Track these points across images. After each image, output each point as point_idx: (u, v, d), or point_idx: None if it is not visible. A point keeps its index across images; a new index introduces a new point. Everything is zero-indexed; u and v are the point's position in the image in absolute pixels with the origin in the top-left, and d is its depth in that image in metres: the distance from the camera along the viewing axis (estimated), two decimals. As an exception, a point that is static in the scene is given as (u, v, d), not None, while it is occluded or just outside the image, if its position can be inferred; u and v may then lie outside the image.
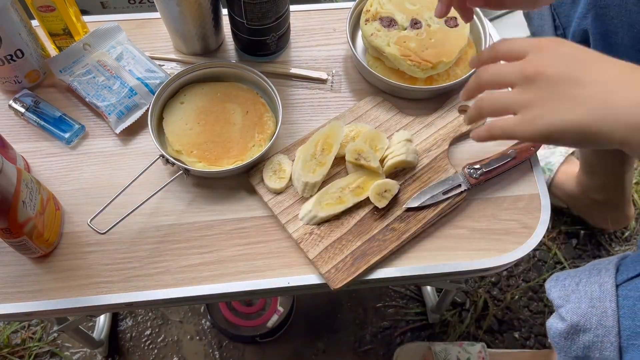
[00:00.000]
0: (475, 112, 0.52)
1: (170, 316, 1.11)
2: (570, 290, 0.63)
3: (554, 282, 0.66)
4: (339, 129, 0.72)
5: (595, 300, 0.59)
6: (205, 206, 0.70)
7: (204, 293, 0.65)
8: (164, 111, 0.74)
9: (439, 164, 0.72)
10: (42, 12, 0.74)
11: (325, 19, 0.87)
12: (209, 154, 0.70)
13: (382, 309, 1.14)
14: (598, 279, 0.61)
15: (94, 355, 1.08)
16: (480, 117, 0.52)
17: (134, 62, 0.78)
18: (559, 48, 0.47)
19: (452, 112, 0.77)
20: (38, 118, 0.75)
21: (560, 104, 0.44)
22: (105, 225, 0.64)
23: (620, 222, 1.18)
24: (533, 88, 0.46)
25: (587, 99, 0.44)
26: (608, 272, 0.61)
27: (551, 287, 0.66)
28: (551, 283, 0.67)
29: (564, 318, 0.62)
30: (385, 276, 0.66)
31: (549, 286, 0.67)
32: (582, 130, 0.44)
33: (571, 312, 0.61)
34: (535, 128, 0.45)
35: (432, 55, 0.75)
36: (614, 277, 0.60)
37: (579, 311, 0.60)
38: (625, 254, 0.64)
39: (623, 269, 0.61)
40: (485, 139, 0.50)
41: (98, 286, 0.65)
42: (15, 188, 0.57)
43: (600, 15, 0.70)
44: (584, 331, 0.60)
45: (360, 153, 0.69)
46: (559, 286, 0.65)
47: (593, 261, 0.66)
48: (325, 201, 0.68)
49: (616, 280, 0.60)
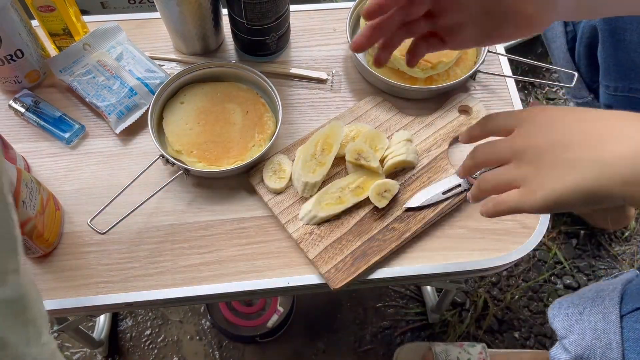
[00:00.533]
0: (477, 191, 0.52)
1: (170, 316, 1.11)
2: (573, 320, 0.62)
3: (556, 310, 0.65)
4: (339, 129, 0.72)
5: (600, 332, 0.58)
6: (205, 206, 0.70)
7: (204, 293, 0.65)
8: (164, 111, 0.74)
9: (439, 164, 0.72)
10: (42, 12, 0.74)
11: (325, 19, 0.87)
12: (209, 154, 0.70)
13: (382, 309, 1.14)
14: (602, 309, 0.60)
15: (94, 355, 1.08)
16: (482, 195, 0.52)
17: (134, 62, 0.78)
18: (542, 116, 0.47)
19: (452, 112, 0.77)
20: (38, 118, 0.75)
21: (555, 170, 0.44)
22: (105, 225, 0.64)
23: (620, 222, 1.18)
24: (526, 160, 0.46)
25: (578, 161, 0.43)
26: (612, 301, 0.60)
27: (554, 315, 0.65)
28: (554, 311, 0.66)
29: (568, 350, 0.61)
30: (385, 276, 0.66)
31: (551, 314, 0.66)
32: (583, 192, 0.43)
33: (575, 343, 0.60)
34: (539, 199, 0.45)
35: (432, 55, 0.74)
36: (619, 307, 0.59)
37: (583, 343, 0.59)
38: (630, 277, 0.63)
39: (628, 299, 0.60)
40: (494, 216, 0.50)
41: (98, 286, 0.65)
42: (15, 188, 0.57)
43: None
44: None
45: (360, 153, 0.69)
46: (562, 315, 0.64)
47: (596, 284, 0.65)
48: (325, 201, 0.68)
49: (621, 310, 0.59)
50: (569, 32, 0.80)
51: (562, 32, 0.80)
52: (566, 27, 0.80)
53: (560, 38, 0.81)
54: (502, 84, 0.81)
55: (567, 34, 0.80)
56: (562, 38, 0.81)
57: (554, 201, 0.44)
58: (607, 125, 0.45)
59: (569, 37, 0.80)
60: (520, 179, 0.46)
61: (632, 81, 0.73)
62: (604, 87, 0.77)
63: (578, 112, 0.47)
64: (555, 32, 0.82)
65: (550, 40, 0.85)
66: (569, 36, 0.80)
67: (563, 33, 0.80)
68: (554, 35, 0.83)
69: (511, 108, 0.79)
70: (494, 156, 0.50)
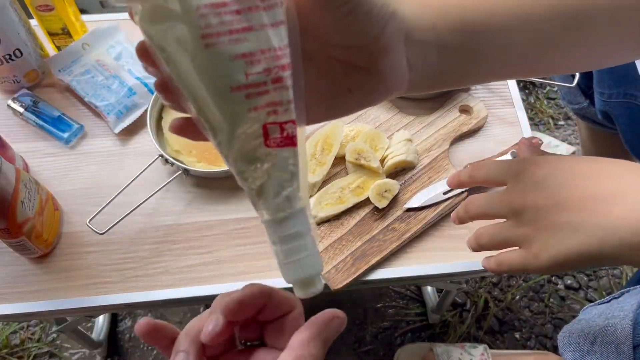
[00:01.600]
0: (475, 244, 0.50)
1: (170, 316, 1.11)
2: (585, 351, 0.60)
3: (567, 339, 0.64)
4: (339, 129, 0.71)
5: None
6: (205, 206, 0.70)
7: (203, 293, 0.64)
8: (163, 111, 0.74)
9: (439, 164, 0.72)
10: (41, 11, 0.74)
11: (325, 19, 0.87)
12: (209, 154, 0.70)
13: (382, 309, 1.14)
14: (614, 339, 0.58)
15: (93, 355, 1.07)
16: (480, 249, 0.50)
17: (133, 61, 0.77)
18: (536, 171, 0.44)
19: (453, 112, 0.76)
20: (37, 118, 0.74)
21: (557, 234, 0.42)
22: (104, 225, 0.64)
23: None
24: (524, 220, 0.44)
25: (580, 225, 0.41)
26: (624, 332, 0.58)
27: (564, 346, 0.64)
28: (564, 341, 0.64)
29: None
30: (385, 276, 0.66)
31: (562, 344, 0.64)
32: (589, 256, 0.41)
33: None
34: (543, 262, 0.43)
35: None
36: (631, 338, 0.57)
37: None
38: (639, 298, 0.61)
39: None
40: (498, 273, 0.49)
41: (97, 286, 0.65)
42: (14, 188, 0.57)
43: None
44: None
45: (360, 153, 0.69)
46: (572, 346, 0.62)
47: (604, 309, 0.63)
48: (325, 201, 0.68)
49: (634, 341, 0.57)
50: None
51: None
52: None
53: None
54: (502, 84, 0.81)
55: None
56: None
57: (560, 265, 0.42)
58: (606, 183, 0.42)
59: None
60: (520, 240, 0.45)
61: (627, 87, 0.73)
62: (598, 94, 0.77)
63: (573, 165, 0.44)
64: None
65: None
66: None
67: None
68: None
69: (511, 108, 0.79)
70: (490, 212, 0.47)
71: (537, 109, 1.40)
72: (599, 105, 0.78)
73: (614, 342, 0.58)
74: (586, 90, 0.81)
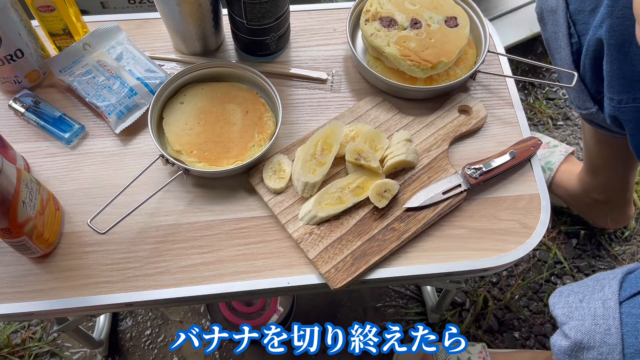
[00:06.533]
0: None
1: (170, 316, 1.11)
2: (573, 307, 0.63)
3: (557, 298, 0.66)
4: (339, 129, 0.72)
5: (599, 318, 0.59)
6: (205, 206, 0.70)
7: (204, 293, 0.65)
8: (164, 111, 0.74)
9: (439, 164, 0.72)
10: (42, 12, 0.74)
11: (325, 19, 0.87)
12: (209, 154, 0.70)
13: (382, 308, 1.14)
14: (601, 296, 0.61)
15: (93, 355, 1.08)
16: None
17: (133, 62, 0.78)
18: None
19: (452, 112, 0.77)
20: (38, 118, 0.75)
21: None
22: (105, 225, 0.64)
23: (621, 222, 1.18)
24: None
25: None
26: (611, 289, 0.61)
27: (555, 303, 0.66)
28: (554, 299, 0.66)
29: (568, 335, 0.61)
30: (385, 276, 0.66)
31: (552, 302, 0.67)
32: None
33: (575, 329, 0.61)
34: None
35: (432, 55, 0.75)
36: (618, 294, 0.60)
37: (582, 329, 0.60)
38: (630, 268, 0.63)
39: (626, 285, 0.61)
40: None
41: (98, 286, 0.65)
42: (15, 188, 0.57)
43: (617, 25, 0.70)
44: (587, 349, 0.60)
45: (360, 153, 0.69)
46: (562, 302, 0.65)
47: (597, 274, 0.66)
48: (325, 201, 0.68)
49: (620, 296, 0.60)
50: (574, 44, 0.79)
51: (567, 44, 0.79)
52: (571, 39, 0.79)
53: (565, 49, 0.80)
54: (502, 84, 0.81)
55: (572, 46, 0.79)
56: (567, 50, 0.80)
57: None
58: None
59: (573, 48, 0.79)
60: None
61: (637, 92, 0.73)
62: (608, 100, 0.77)
63: None
64: (559, 43, 0.81)
65: (554, 51, 0.84)
66: (573, 48, 0.79)
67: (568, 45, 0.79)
68: (558, 46, 0.82)
69: (510, 108, 0.79)
70: None
71: (537, 109, 1.40)
72: (609, 110, 0.78)
73: (601, 298, 0.61)
74: (595, 95, 0.82)
